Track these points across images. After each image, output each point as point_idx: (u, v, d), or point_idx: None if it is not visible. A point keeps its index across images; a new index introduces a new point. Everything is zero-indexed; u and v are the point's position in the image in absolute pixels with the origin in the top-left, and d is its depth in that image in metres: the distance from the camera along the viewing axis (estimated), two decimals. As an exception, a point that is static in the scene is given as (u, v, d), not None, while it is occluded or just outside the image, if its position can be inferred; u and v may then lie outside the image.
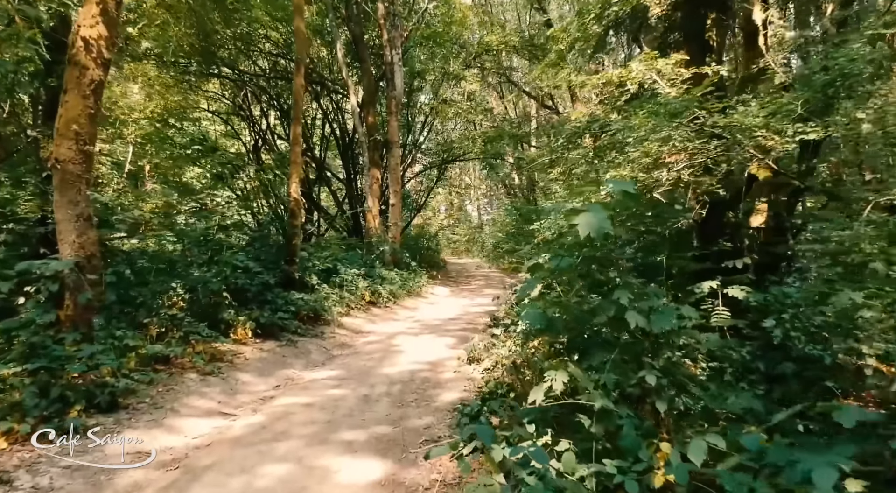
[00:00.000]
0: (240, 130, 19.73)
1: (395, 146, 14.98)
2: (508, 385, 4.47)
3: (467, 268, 23.87)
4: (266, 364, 6.27)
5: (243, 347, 6.62)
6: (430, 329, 8.64)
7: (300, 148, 8.88)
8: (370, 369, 6.21)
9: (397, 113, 14.87)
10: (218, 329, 6.62)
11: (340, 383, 5.68)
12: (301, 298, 8.16)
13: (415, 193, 25.10)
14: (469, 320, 9.38)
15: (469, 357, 6.17)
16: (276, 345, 6.95)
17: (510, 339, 5.89)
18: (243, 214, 10.32)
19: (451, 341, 7.68)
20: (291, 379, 5.98)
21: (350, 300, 9.56)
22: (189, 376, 5.39)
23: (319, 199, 21.60)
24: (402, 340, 7.88)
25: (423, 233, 23.77)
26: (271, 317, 7.23)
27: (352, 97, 14.49)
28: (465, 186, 39.88)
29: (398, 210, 15.02)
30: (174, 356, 5.55)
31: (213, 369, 5.67)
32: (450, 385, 5.49)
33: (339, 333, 8.19)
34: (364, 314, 9.71)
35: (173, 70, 14.69)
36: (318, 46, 18.37)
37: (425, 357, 6.68)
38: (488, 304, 11.68)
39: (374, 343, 7.70)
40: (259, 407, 5.00)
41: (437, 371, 6.05)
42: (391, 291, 11.26)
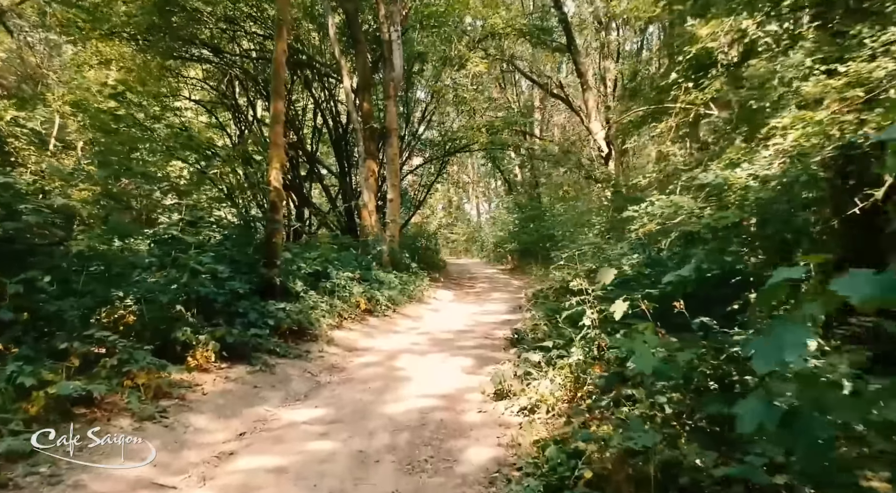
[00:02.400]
0: (226, 123, 18.23)
1: (394, 135, 13.51)
2: (574, 451, 3.00)
3: (468, 269, 22.47)
4: (231, 399, 4.79)
5: (203, 375, 5.13)
6: (439, 345, 7.17)
7: (281, 128, 7.40)
8: (367, 406, 4.74)
9: (396, 97, 13.40)
10: (170, 353, 5.13)
11: (328, 430, 4.21)
12: (282, 308, 6.68)
13: (412, 190, 23.68)
14: (484, 334, 7.93)
15: (497, 390, 4.72)
16: (248, 371, 5.46)
17: (554, 368, 4.43)
18: (220, 208, 8.80)
19: (466, 362, 6.23)
20: (263, 421, 4.50)
21: (342, 309, 8.08)
22: (118, 424, 3.91)
23: (311, 195, 20.13)
24: (406, 360, 6.41)
25: (422, 232, 22.30)
26: (242, 334, 5.74)
27: (345, 79, 13.00)
28: (464, 184, 38.48)
29: (397, 206, 13.56)
30: (99, 396, 4.07)
31: (154, 411, 4.19)
32: (476, 434, 4.04)
33: (329, 351, 6.71)
34: (359, 326, 8.23)
35: (151, 52, 13.23)
36: (308, 29, 16.91)
37: (438, 387, 5.22)
38: (500, 311, 10.25)
39: (372, 366, 6.22)
40: (211, 473, 3.52)
41: (455, 410, 4.60)
42: (390, 297, 9.79)
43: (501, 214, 29.14)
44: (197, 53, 15.61)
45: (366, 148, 13.46)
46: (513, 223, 24.20)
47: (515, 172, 28.10)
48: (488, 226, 33.48)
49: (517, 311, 10.19)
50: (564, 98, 17.93)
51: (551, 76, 19.44)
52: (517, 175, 28.23)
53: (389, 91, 13.13)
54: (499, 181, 37.11)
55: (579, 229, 17.18)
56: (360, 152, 13.76)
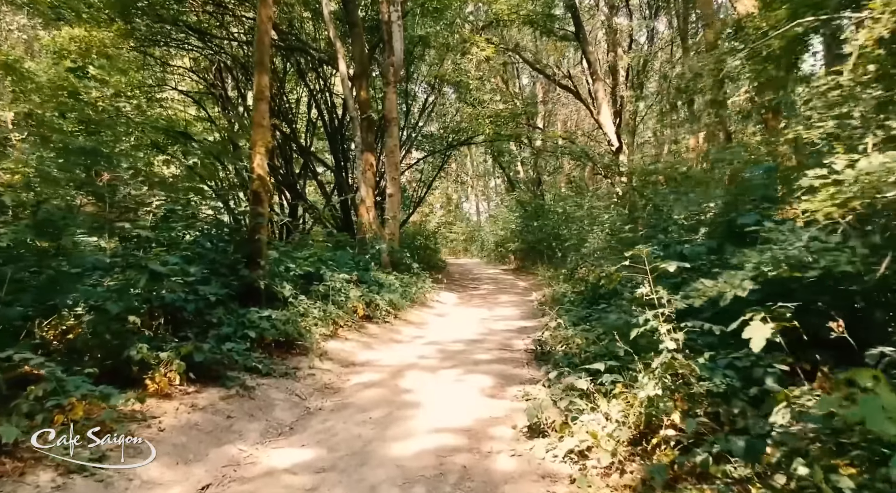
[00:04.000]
0: (217, 118, 17.18)
1: (393, 124, 12.50)
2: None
3: (469, 269, 21.51)
4: (195, 436, 3.79)
5: (164, 403, 4.13)
6: (451, 359, 6.17)
7: (266, 106, 6.39)
8: (367, 446, 3.75)
9: (396, 83, 12.40)
10: (124, 376, 4.14)
11: (316, 484, 3.21)
12: (266, 316, 5.68)
13: (410, 188, 22.70)
14: (500, 344, 6.95)
15: (532, 424, 3.73)
16: (221, 396, 4.45)
17: (609, 399, 3.44)
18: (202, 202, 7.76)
19: (485, 381, 5.23)
20: (235, 466, 3.51)
21: (338, 316, 7.08)
22: (33, 481, 2.91)
23: (305, 191, 19.11)
24: (412, 379, 5.42)
25: (421, 230, 21.29)
26: (215, 349, 4.73)
27: (341, 64, 11.99)
28: (463, 182, 37.53)
29: (397, 201, 12.56)
30: (17, 441, 3.07)
31: (89, 457, 3.19)
32: (513, 490, 3.06)
33: (322, 367, 5.70)
34: (357, 335, 7.23)
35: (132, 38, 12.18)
36: (301, 14, 15.90)
37: (455, 416, 4.23)
38: (513, 317, 9.28)
39: (373, 386, 5.21)
40: (152, 557, 2.53)
41: (481, 451, 3.61)
42: (391, 301, 8.80)
43: (502, 213, 28.15)
44: (182, 37, 14.59)
45: (363, 139, 12.46)
46: (515, 222, 23.23)
47: (517, 169, 27.13)
48: (488, 225, 32.47)
49: (532, 316, 9.23)
50: (573, 90, 16.94)
51: (559, 65, 18.47)
52: (519, 172, 27.26)
53: (389, 77, 12.12)
54: (498, 179, 36.18)
55: (593, 226, 16.24)
56: (357, 144, 12.74)
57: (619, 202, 15.74)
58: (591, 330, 5.37)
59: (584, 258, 11.30)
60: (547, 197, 24.07)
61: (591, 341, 5.09)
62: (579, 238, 17.02)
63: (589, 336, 5.19)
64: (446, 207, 35.79)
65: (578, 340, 5.23)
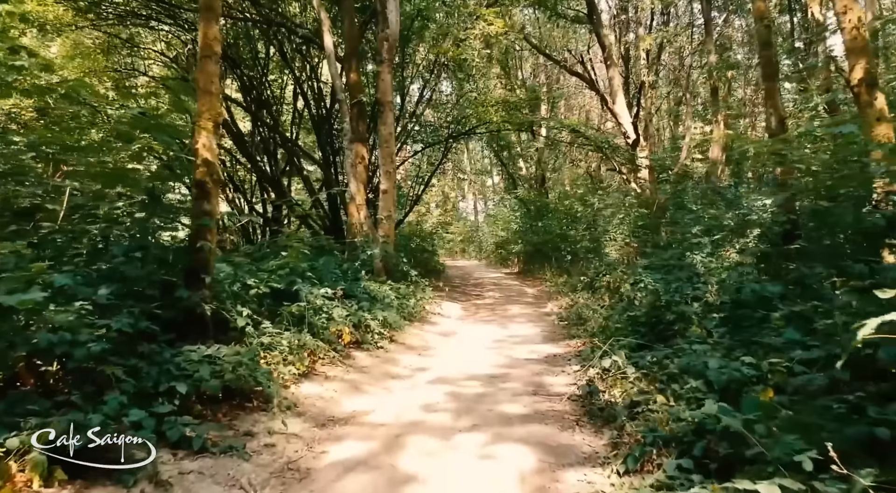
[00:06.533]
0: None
1: (388, 109, 10.80)
2: None
3: (470, 272, 19.87)
4: None
5: (-2, 532, 2.44)
6: (469, 412, 4.47)
7: (215, 67, 4.67)
8: None
9: (391, 61, 10.71)
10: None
11: None
12: (208, 357, 3.99)
13: (405, 186, 21.01)
14: (529, 382, 5.26)
15: None
16: (111, 503, 2.77)
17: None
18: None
19: (526, 457, 3.54)
20: None
21: (315, 347, 5.39)
22: None
23: (290, 189, 17.40)
24: (417, 451, 3.71)
25: (417, 231, 19.58)
26: (107, 423, 3.03)
27: (326, 38, 10.29)
28: (461, 179, 35.90)
29: (391, 198, 10.87)
30: None
31: None
32: None
33: (287, 430, 3.97)
34: (341, 370, 5.53)
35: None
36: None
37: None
38: (534, 338, 7.62)
39: (358, 470, 3.49)
40: None
41: None
42: (385, 319, 7.12)
43: (502, 212, 26.50)
44: (148, 13, 12.89)
45: (353, 128, 10.77)
46: (516, 222, 21.60)
47: (520, 165, 25.50)
48: (487, 225, 30.81)
49: (556, 336, 7.59)
50: (589, 78, 15.30)
51: (571, 50, 16.86)
52: (521, 169, 25.64)
53: (383, 54, 10.42)
54: (497, 177, 34.52)
55: (610, 226, 14.71)
56: (346, 133, 11.05)
57: (639, 201, 14.21)
58: (675, 378, 3.72)
59: (612, 266, 9.70)
60: (551, 195, 22.49)
61: (680, 398, 3.45)
62: (592, 239, 15.49)
63: (676, 389, 3.54)
64: (443, 206, 34.12)
65: (660, 396, 3.58)
